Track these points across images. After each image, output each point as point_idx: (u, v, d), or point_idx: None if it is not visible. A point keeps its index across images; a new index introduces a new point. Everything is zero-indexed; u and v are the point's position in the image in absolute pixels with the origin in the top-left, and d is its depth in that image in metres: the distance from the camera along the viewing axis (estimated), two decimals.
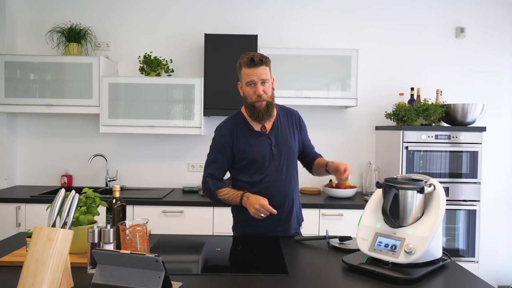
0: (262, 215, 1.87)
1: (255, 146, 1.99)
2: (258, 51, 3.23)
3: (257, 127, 2.03)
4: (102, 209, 1.82)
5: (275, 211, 1.87)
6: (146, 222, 1.55)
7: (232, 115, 2.10)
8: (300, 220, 2.16)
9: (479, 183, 3.12)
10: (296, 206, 2.10)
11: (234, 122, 2.05)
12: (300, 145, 2.13)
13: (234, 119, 2.06)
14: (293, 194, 2.07)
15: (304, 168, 2.25)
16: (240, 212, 2.07)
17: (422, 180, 1.56)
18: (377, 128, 3.60)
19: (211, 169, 2.03)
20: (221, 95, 3.25)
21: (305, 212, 2.27)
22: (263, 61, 1.91)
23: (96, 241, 1.43)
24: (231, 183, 2.13)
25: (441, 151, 3.11)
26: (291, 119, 2.10)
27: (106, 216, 1.66)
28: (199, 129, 3.27)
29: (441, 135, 3.11)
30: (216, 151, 2.03)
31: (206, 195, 2.06)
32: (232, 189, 2.00)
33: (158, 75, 3.39)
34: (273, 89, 2.02)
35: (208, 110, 3.27)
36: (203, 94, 3.25)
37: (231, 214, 2.14)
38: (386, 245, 1.49)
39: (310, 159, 2.19)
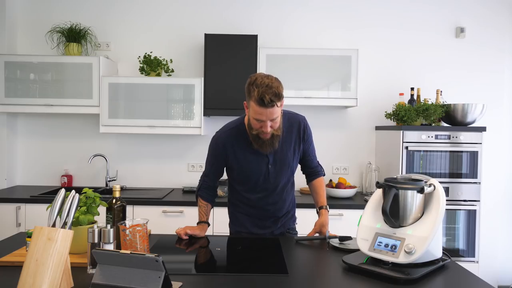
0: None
1: (251, 163, 1.95)
2: (258, 51, 3.23)
3: (267, 150, 1.93)
4: (102, 209, 1.82)
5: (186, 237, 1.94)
6: (146, 222, 1.55)
7: (233, 124, 1.99)
8: (294, 218, 2.20)
9: (479, 183, 3.12)
10: (289, 213, 2.14)
11: (233, 134, 1.95)
12: (301, 156, 2.06)
13: (234, 131, 1.96)
14: (285, 206, 2.09)
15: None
16: (234, 213, 2.12)
17: (422, 180, 1.56)
18: (377, 128, 3.60)
19: (206, 172, 2.09)
20: (221, 95, 3.25)
21: (305, 212, 2.28)
22: (275, 103, 1.72)
23: (96, 241, 1.43)
24: (228, 190, 2.15)
25: (441, 151, 3.11)
26: (296, 131, 1.99)
27: (106, 216, 1.66)
28: (199, 129, 3.27)
29: (441, 135, 3.11)
30: (210, 159, 2.06)
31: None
32: (204, 210, 2.07)
33: (158, 75, 3.39)
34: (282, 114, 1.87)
35: (208, 110, 3.27)
36: (203, 94, 3.25)
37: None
38: (386, 245, 1.49)
39: (308, 171, 2.16)
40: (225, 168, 2.07)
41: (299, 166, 2.17)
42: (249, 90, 1.78)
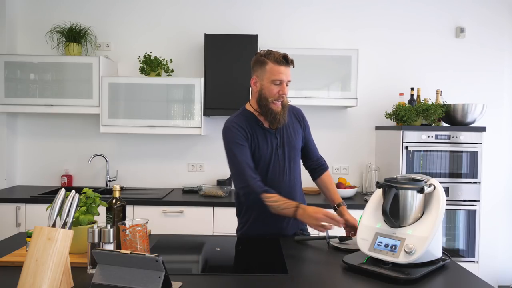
0: (326, 224, 1.73)
1: (263, 144, 1.94)
2: (258, 51, 3.23)
3: (266, 123, 1.97)
4: (102, 209, 1.82)
5: (341, 220, 1.75)
6: (146, 222, 1.54)
7: (237, 113, 2.00)
8: None
9: (479, 183, 3.12)
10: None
11: (243, 118, 1.96)
12: (303, 144, 2.11)
13: (242, 116, 1.96)
14: (297, 194, 2.04)
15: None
16: (246, 216, 2.03)
17: (422, 180, 1.56)
18: (377, 128, 3.60)
19: (248, 170, 1.86)
20: (221, 95, 3.25)
21: None
22: (292, 62, 1.90)
23: (96, 241, 1.43)
24: (237, 196, 2.05)
25: (441, 151, 3.11)
26: (295, 117, 2.08)
27: (106, 216, 1.66)
28: (199, 129, 3.27)
29: (441, 135, 3.11)
30: (241, 149, 1.88)
31: (247, 199, 1.90)
32: (282, 197, 1.84)
33: (158, 75, 3.39)
34: None
35: (208, 110, 3.27)
36: (203, 94, 3.25)
37: (235, 217, 2.12)
38: (386, 245, 1.49)
39: (313, 164, 2.16)
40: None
41: (306, 175, 2.16)
42: (262, 60, 1.90)
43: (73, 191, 1.40)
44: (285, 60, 1.87)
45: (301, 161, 2.16)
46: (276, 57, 1.86)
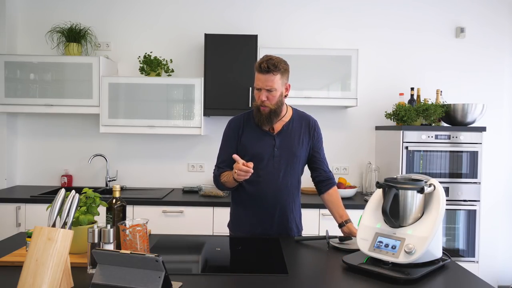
0: (240, 174, 1.82)
1: (258, 143, 2.01)
2: (258, 51, 3.24)
3: (265, 126, 2.03)
4: (102, 209, 1.82)
5: (249, 170, 1.80)
6: (146, 222, 1.54)
7: (246, 111, 2.13)
8: (299, 229, 2.13)
9: (479, 183, 3.12)
10: (292, 214, 2.07)
11: (245, 117, 2.09)
12: (309, 154, 2.09)
13: (246, 114, 2.10)
14: (288, 200, 2.03)
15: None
16: (236, 212, 2.11)
17: (422, 180, 1.56)
18: (377, 128, 3.60)
19: (219, 160, 2.11)
20: (221, 95, 3.25)
21: (305, 212, 2.27)
22: (271, 69, 1.89)
23: (96, 241, 1.43)
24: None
25: (441, 151, 3.11)
26: (306, 126, 2.08)
27: (106, 216, 1.66)
28: (199, 129, 3.27)
29: (441, 135, 3.11)
30: (224, 143, 2.11)
31: (215, 184, 2.11)
32: (229, 171, 2.01)
33: (158, 75, 3.39)
34: (285, 96, 2.00)
35: (208, 110, 3.27)
36: (203, 94, 3.25)
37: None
38: (386, 245, 1.49)
39: (321, 176, 2.12)
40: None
41: (306, 175, 2.16)
42: (255, 65, 1.99)
43: (73, 191, 1.40)
44: (260, 68, 1.90)
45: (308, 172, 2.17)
46: (257, 64, 1.93)
